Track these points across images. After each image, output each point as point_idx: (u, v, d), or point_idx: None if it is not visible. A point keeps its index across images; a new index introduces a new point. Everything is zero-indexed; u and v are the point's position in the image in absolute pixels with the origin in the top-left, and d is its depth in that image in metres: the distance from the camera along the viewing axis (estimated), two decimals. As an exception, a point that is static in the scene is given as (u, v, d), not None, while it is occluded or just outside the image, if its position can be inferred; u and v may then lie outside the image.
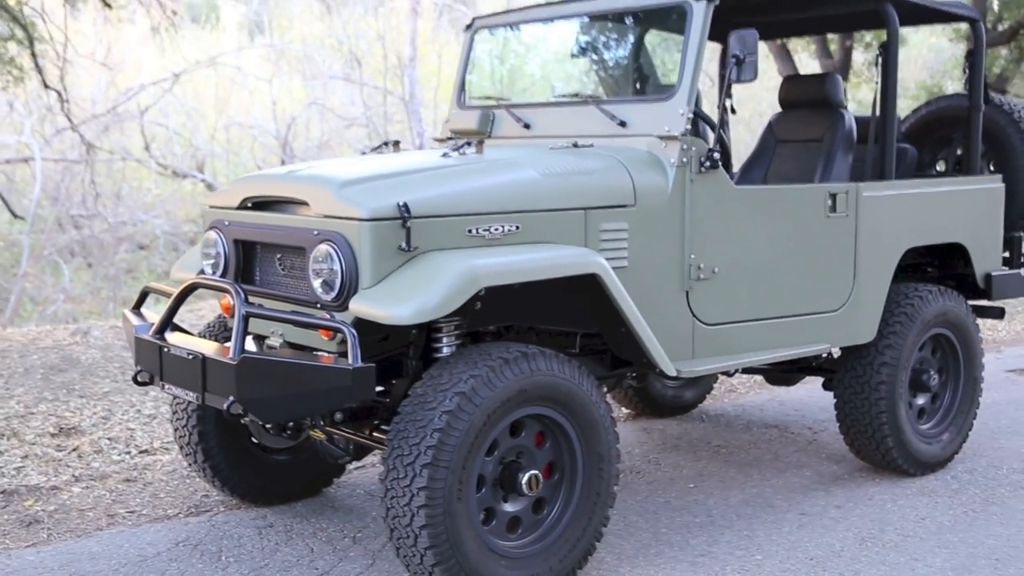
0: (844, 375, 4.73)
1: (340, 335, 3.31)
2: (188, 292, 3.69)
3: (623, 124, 4.13)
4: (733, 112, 5.91)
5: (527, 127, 4.49)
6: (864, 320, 4.57)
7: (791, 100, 5.14)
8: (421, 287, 3.25)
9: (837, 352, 4.82)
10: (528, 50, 5.20)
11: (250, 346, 3.76)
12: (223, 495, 4.40)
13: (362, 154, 4.41)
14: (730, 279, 4.13)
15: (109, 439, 5.12)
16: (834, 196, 4.42)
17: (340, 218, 3.39)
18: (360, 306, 3.29)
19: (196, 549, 3.95)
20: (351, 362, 3.18)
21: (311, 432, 4.04)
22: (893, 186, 4.64)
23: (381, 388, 4.02)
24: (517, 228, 3.59)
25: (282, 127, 20.55)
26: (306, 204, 3.57)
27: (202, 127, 21.12)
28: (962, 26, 16.25)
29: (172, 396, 3.93)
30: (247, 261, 3.85)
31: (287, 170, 3.89)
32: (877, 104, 4.71)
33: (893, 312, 4.69)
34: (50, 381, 5.94)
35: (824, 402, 5.80)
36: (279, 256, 3.71)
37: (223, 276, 3.84)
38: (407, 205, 3.34)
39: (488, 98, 4.79)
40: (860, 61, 14.34)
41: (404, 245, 3.34)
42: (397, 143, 4.44)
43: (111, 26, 17.91)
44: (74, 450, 4.94)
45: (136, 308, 4.05)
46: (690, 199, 3.97)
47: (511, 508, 3.53)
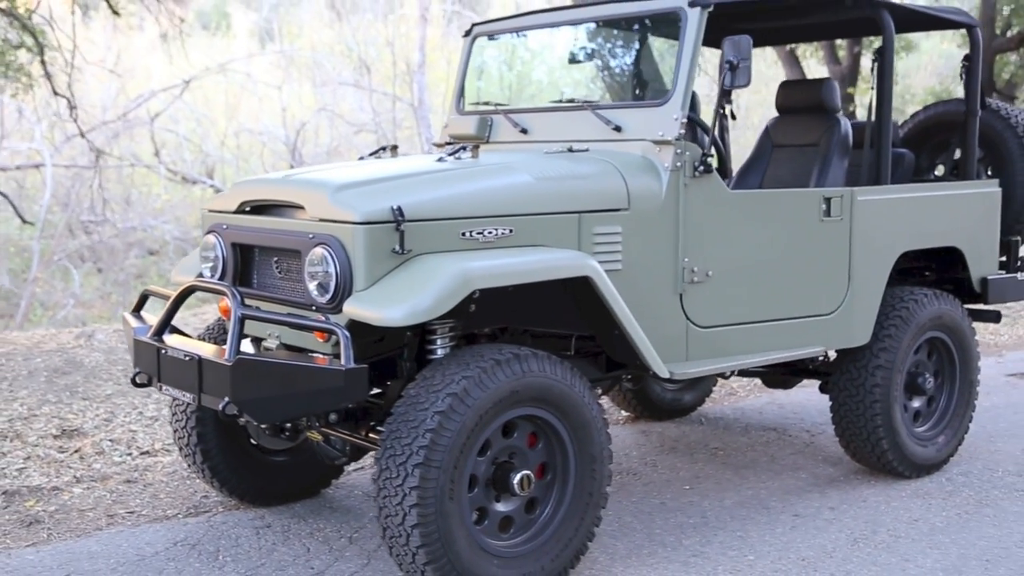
0: (839, 378, 4.76)
1: (334, 337, 3.36)
2: (186, 295, 3.73)
3: (618, 129, 4.17)
4: (733, 118, 5.95)
5: (524, 132, 4.53)
6: (859, 323, 4.60)
7: (788, 105, 5.17)
8: (414, 289, 3.29)
9: (833, 355, 4.85)
10: (527, 56, 5.24)
11: (248, 348, 3.81)
12: (222, 496, 4.44)
13: (360, 159, 4.46)
14: (724, 282, 4.16)
15: (111, 441, 5.18)
16: (829, 200, 4.44)
17: (335, 221, 3.43)
18: (354, 308, 3.33)
19: (194, 549, 4.00)
20: (344, 363, 3.23)
21: (308, 433, 4.09)
22: (888, 190, 4.66)
23: (379, 390, 4.08)
24: (510, 231, 3.63)
25: (291, 133, 20.69)
26: (302, 208, 3.62)
27: (212, 133, 21.27)
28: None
29: (171, 398, 3.97)
30: (245, 264, 3.90)
31: (283, 174, 3.95)
32: (873, 109, 4.74)
33: (888, 315, 4.71)
34: (53, 384, 6.01)
35: (823, 405, 5.81)
36: (276, 259, 3.76)
37: (221, 279, 3.89)
38: (401, 209, 3.38)
39: (486, 103, 4.83)
40: (869, 67, 14.31)
41: (398, 248, 3.38)
42: (395, 147, 4.48)
43: (121, 34, 18.06)
44: (76, 451, 5.00)
45: (136, 311, 4.11)
46: (684, 203, 4.01)
47: (503, 508, 3.57)
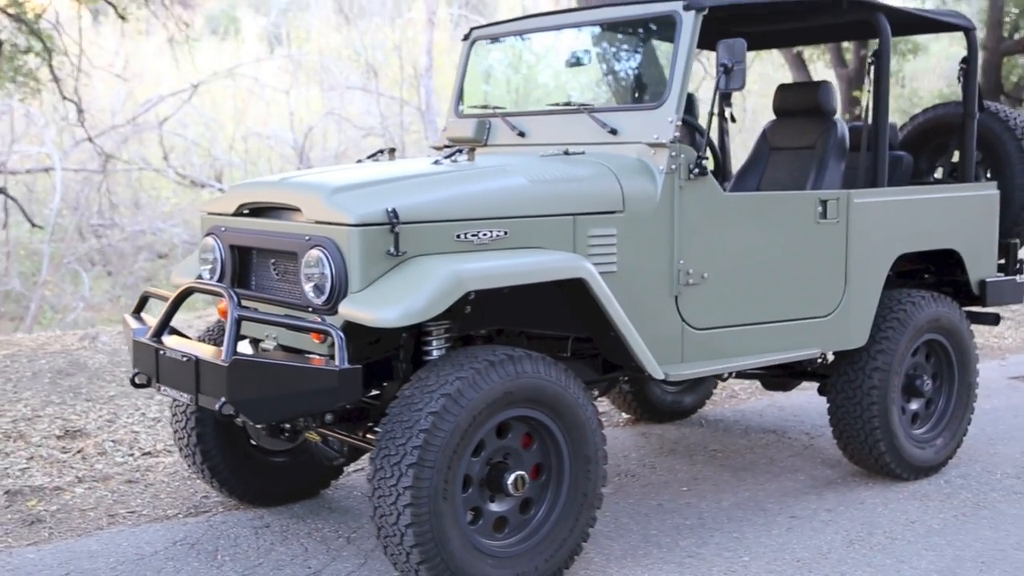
0: (837, 380, 4.77)
1: (330, 338, 3.38)
2: (184, 296, 3.77)
3: (614, 132, 4.19)
4: (733, 120, 5.97)
5: (522, 135, 4.56)
6: (855, 325, 4.61)
7: (785, 108, 5.18)
8: (408, 291, 3.32)
9: (832, 357, 4.86)
10: (532, 60, 5.27)
11: (247, 349, 3.85)
12: (222, 496, 4.48)
13: (358, 161, 4.50)
14: (719, 284, 4.18)
15: (113, 441, 5.22)
16: (825, 203, 4.46)
17: (330, 224, 3.47)
18: (348, 309, 3.36)
19: (193, 548, 4.03)
20: (338, 364, 3.26)
21: (307, 434, 4.12)
22: (885, 193, 4.67)
23: (376, 392, 4.11)
24: (505, 234, 3.65)
25: (299, 137, 20.77)
26: (299, 210, 3.66)
27: (220, 137, 21.37)
28: (979, 35, 16.22)
29: (172, 399, 4.01)
30: (243, 266, 3.94)
31: (281, 177, 3.99)
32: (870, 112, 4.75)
33: (886, 317, 4.72)
34: (57, 385, 6.05)
35: (823, 408, 5.76)
36: (273, 261, 3.79)
37: (220, 281, 3.93)
38: (395, 211, 3.42)
39: (484, 107, 4.87)
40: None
41: (392, 250, 3.41)
42: (393, 151, 4.52)
43: (130, 39, 18.15)
44: (78, 452, 5.04)
45: (136, 312, 4.15)
46: (679, 205, 4.03)
47: (498, 508, 3.59)
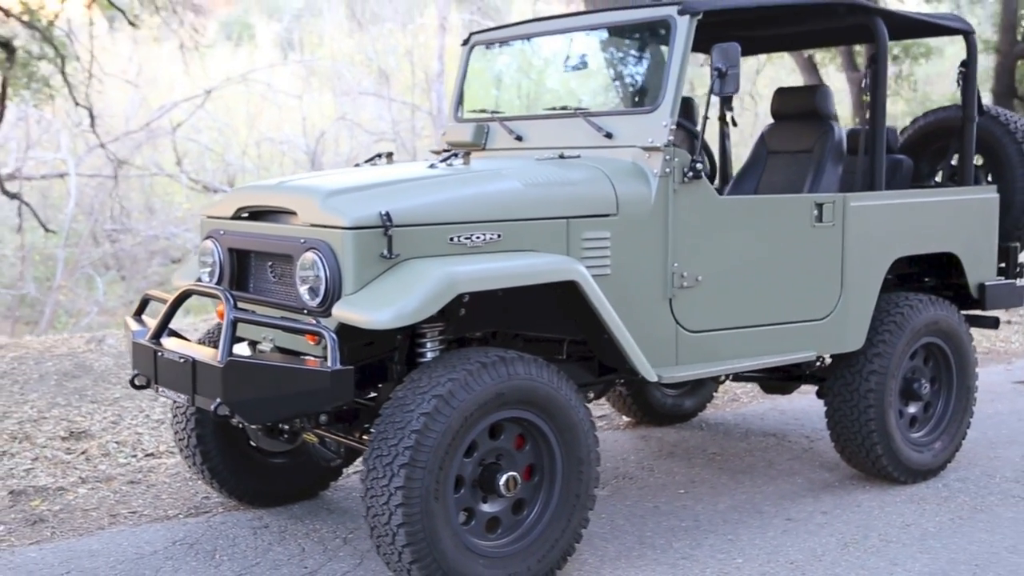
0: (834, 383, 4.78)
1: (324, 340, 3.42)
2: (182, 299, 3.82)
3: (610, 136, 4.22)
4: (735, 124, 5.99)
5: (520, 139, 4.60)
6: (852, 328, 4.62)
7: (782, 112, 5.20)
8: (400, 293, 3.36)
9: (829, 360, 4.87)
10: (540, 64, 5.30)
11: (245, 351, 3.89)
12: (222, 497, 4.52)
13: (356, 165, 4.54)
14: (714, 287, 4.20)
15: (117, 443, 5.28)
16: (820, 206, 4.47)
17: (325, 227, 3.51)
18: (342, 311, 3.40)
19: (192, 548, 4.08)
20: (330, 365, 3.30)
21: (304, 435, 4.17)
22: (881, 196, 4.68)
23: (374, 394, 4.15)
24: (499, 236, 3.69)
25: (312, 142, 20.88)
26: (295, 214, 3.71)
27: (234, 142, 21.50)
28: (993, 38, 16.15)
29: (172, 401, 4.06)
30: (241, 269, 3.99)
31: (278, 181, 4.04)
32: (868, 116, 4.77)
33: (883, 321, 4.73)
34: (63, 387, 6.12)
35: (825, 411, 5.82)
36: (270, 264, 3.84)
37: (219, 284, 3.97)
38: (389, 214, 3.46)
39: (483, 111, 4.90)
40: (888, 74, 14.24)
41: (386, 252, 3.45)
42: (390, 155, 4.56)
43: (144, 46, 18.30)
44: (82, 453, 5.10)
45: (137, 315, 4.20)
46: (673, 209, 4.05)
47: (490, 509, 3.62)
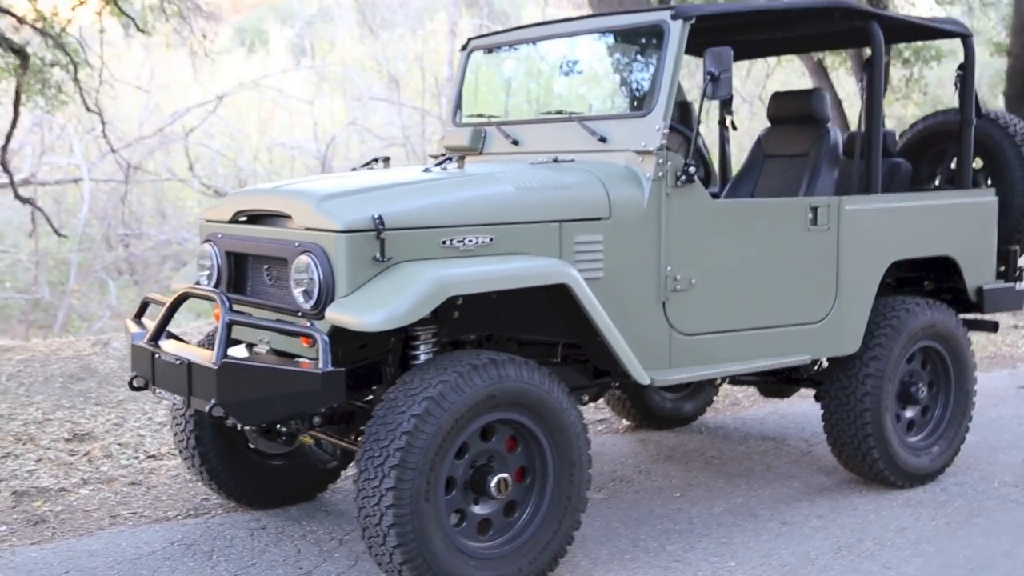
0: (830, 386, 4.78)
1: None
2: (180, 302, 3.86)
3: (603, 140, 4.25)
4: (734, 128, 6.01)
5: (516, 143, 4.63)
6: (848, 332, 4.62)
7: (779, 116, 5.21)
8: (392, 295, 3.40)
9: (826, 364, 4.87)
10: (531, 69, 5.33)
11: (242, 353, 3.94)
12: (221, 498, 4.57)
13: (352, 170, 4.58)
14: (708, 290, 4.22)
15: (119, 445, 5.33)
16: (815, 209, 4.48)
17: (319, 230, 3.55)
18: (335, 314, 3.44)
19: (189, 549, 4.12)
20: (321, 367, 3.34)
21: (301, 437, 4.21)
22: (877, 199, 4.69)
23: (371, 397, 4.19)
24: (491, 240, 3.72)
25: (323, 147, 20.97)
26: (290, 217, 3.75)
27: (245, 148, 21.61)
28: (1004, 40, 16.09)
29: (171, 402, 4.10)
30: (239, 272, 4.03)
31: (274, 185, 4.07)
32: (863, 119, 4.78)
33: (879, 324, 4.73)
34: (68, 389, 6.18)
35: (824, 415, 5.82)
36: (266, 267, 3.88)
37: (217, 287, 4.02)
38: (381, 218, 3.49)
39: (480, 115, 4.94)
40: (897, 77, 14.23)
41: (379, 256, 3.49)
42: (387, 159, 4.60)
43: (156, 52, 18.42)
44: (85, 455, 5.16)
45: (137, 317, 4.25)
46: (666, 212, 4.07)
47: (482, 510, 3.65)
